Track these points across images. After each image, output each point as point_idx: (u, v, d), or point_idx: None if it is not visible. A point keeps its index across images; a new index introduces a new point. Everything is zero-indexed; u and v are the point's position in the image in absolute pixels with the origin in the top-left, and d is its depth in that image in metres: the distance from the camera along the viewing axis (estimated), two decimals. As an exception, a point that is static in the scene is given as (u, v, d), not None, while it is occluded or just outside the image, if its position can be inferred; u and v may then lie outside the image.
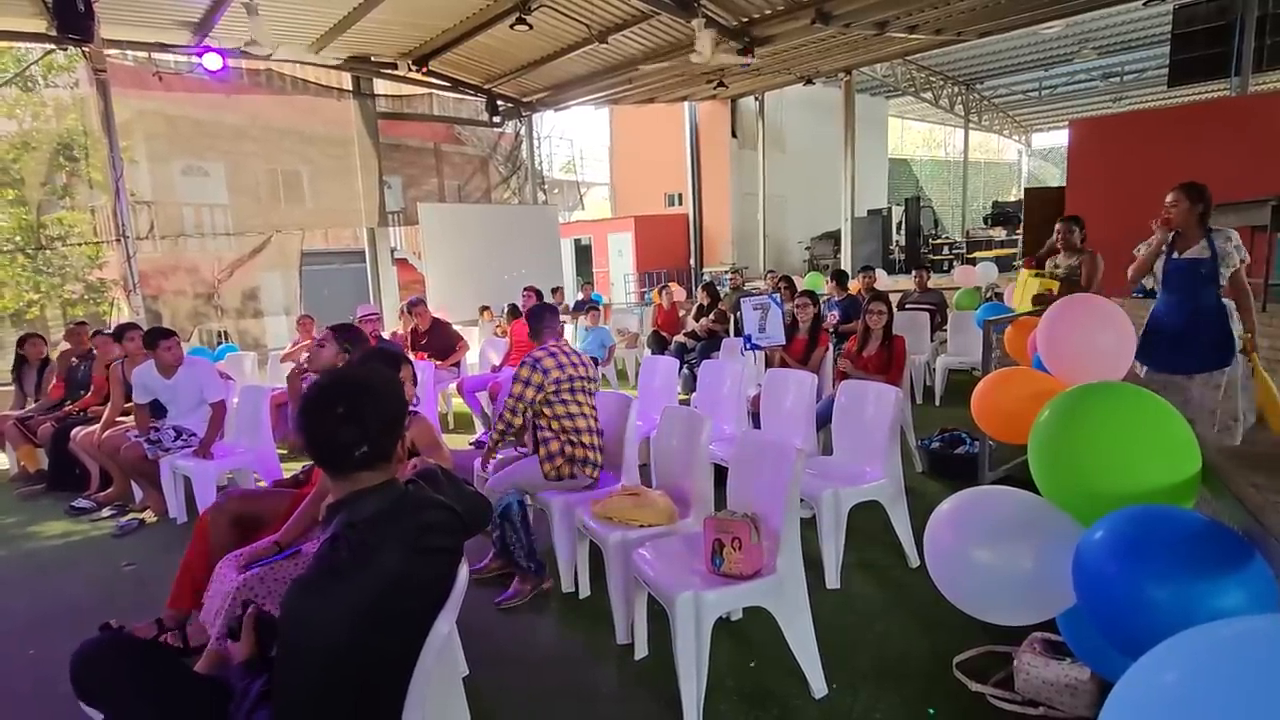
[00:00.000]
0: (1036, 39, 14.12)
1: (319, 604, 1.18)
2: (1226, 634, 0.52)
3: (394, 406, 1.27)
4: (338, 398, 1.23)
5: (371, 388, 1.26)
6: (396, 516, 1.26)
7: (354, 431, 1.20)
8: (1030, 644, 2.16)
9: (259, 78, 8.25)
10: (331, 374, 1.36)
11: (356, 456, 1.21)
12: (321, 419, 1.21)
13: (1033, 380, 1.94)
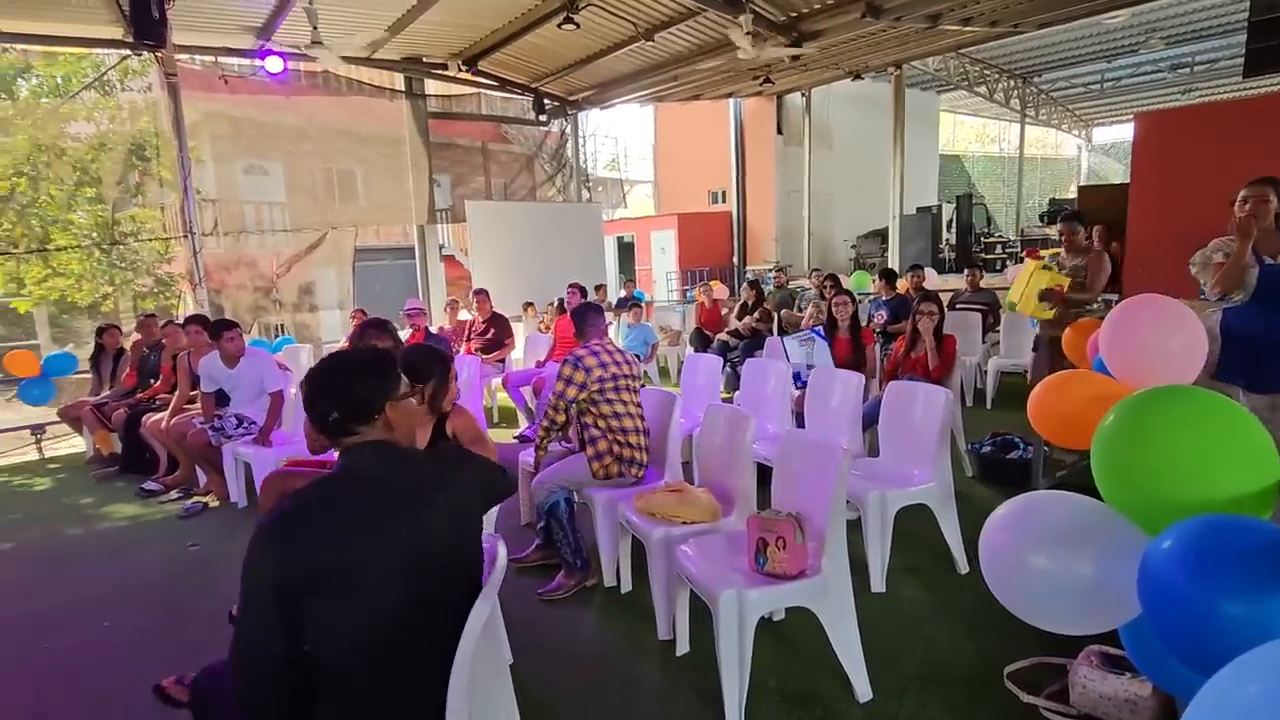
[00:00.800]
0: (1099, 29, 13.52)
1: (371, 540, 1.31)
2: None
3: (365, 382, 1.43)
4: (316, 374, 1.46)
5: (347, 368, 1.47)
6: (390, 461, 1.42)
7: (326, 402, 1.40)
8: (1087, 656, 2.09)
9: (316, 79, 8.53)
10: (327, 356, 1.58)
11: (330, 422, 1.39)
12: (307, 389, 1.44)
13: (1095, 383, 1.87)
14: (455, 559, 1.42)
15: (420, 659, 1.30)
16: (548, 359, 5.87)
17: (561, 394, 2.96)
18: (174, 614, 2.99)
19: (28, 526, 4.20)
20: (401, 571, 1.32)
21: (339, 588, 1.26)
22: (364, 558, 1.29)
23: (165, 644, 2.75)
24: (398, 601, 1.31)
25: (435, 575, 1.37)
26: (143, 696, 2.38)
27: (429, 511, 1.40)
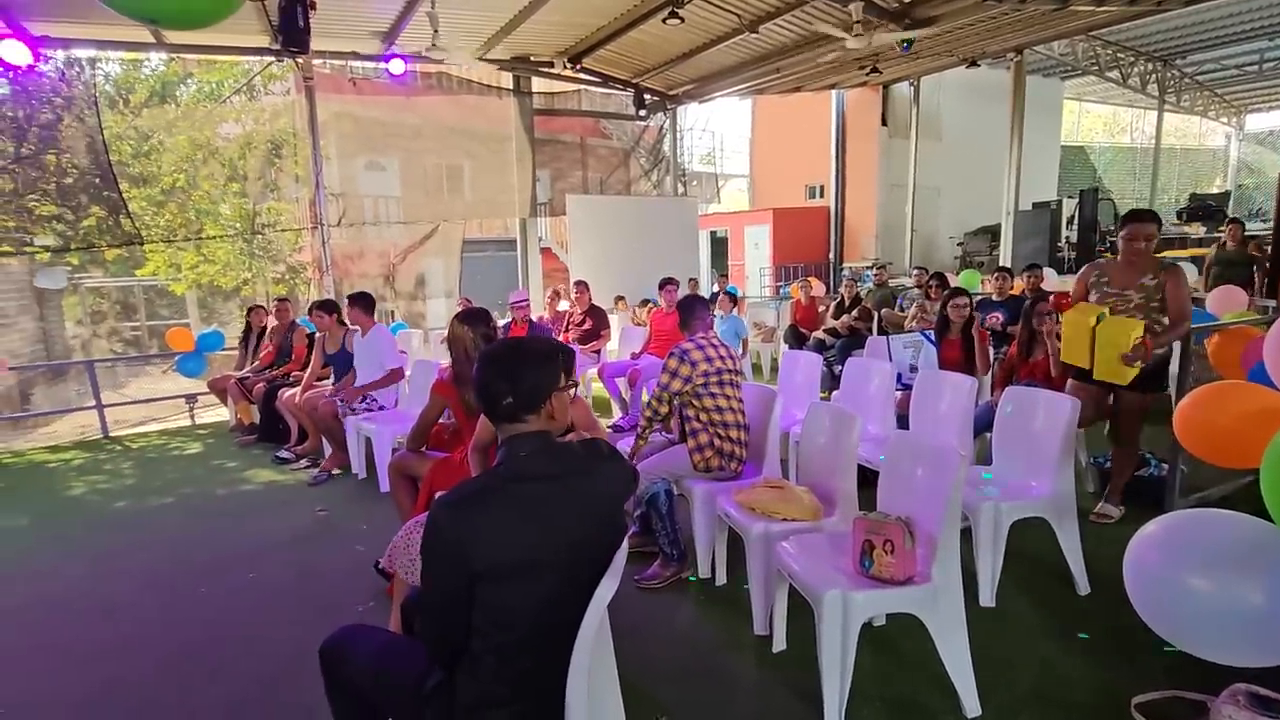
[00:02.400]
0: (1257, 3, 12.06)
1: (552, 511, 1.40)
2: None
3: (540, 372, 1.48)
4: (498, 358, 1.49)
5: (524, 355, 1.50)
6: (556, 455, 1.48)
7: (504, 386, 1.44)
8: (1232, 695, 1.91)
9: (432, 79, 9.01)
10: (503, 341, 1.63)
11: (504, 405, 1.44)
12: (484, 372, 1.48)
13: (1257, 396, 1.71)
14: (605, 547, 1.49)
15: (559, 635, 1.39)
16: (643, 351, 5.96)
17: (666, 386, 3.01)
18: (307, 572, 3.29)
19: (184, 484, 4.73)
20: (566, 562, 1.41)
21: (512, 576, 1.36)
22: (536, 550, 1.38)
23: (300, 596, 3.04)
24: (558, 587, 1.41)
25: (590, 564, 1.45)
26: (282, 639, 2.66)
27: (589, 504, 1.47)
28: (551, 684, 1.38)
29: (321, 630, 1.71)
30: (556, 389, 1.52)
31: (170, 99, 11.20)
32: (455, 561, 1.35)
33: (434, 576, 1.41)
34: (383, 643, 1.69)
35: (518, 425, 1.48)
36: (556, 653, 1.39)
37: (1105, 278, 3.23)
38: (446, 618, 1.40)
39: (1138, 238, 3.10)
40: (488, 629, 1.39)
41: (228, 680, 2.45)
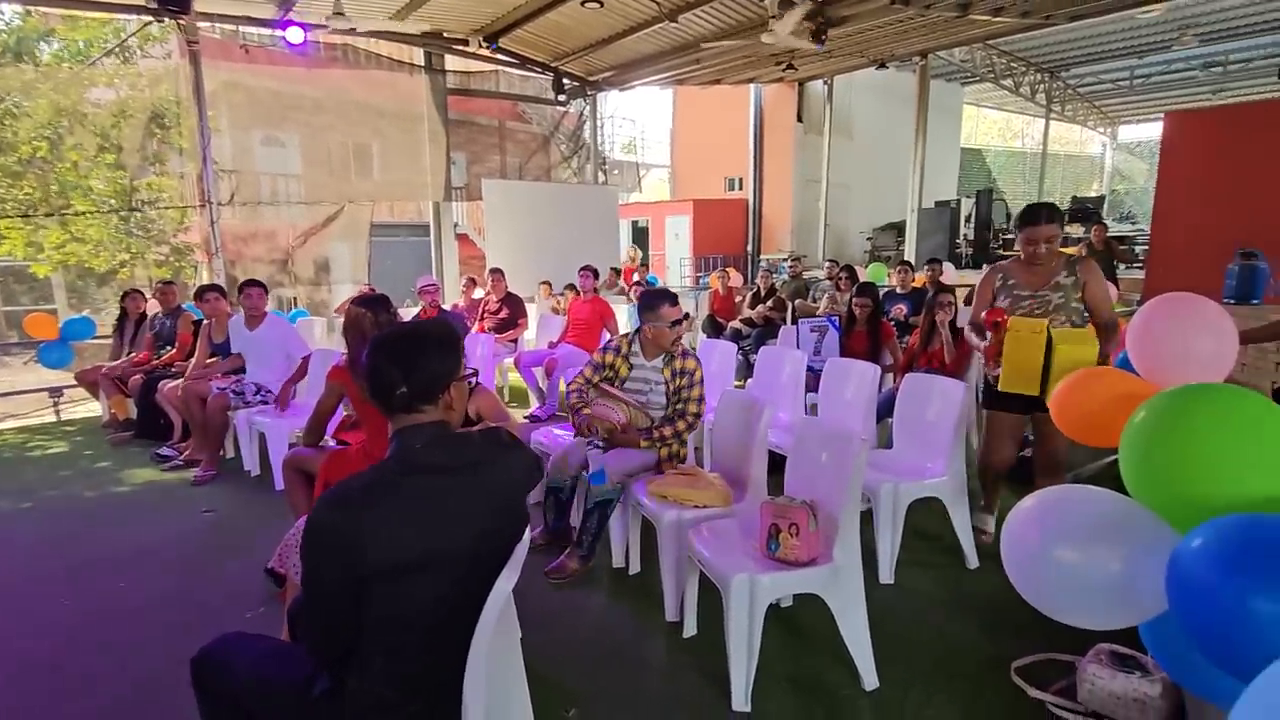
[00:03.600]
0: (1132, 24, 13.23)
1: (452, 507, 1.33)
2: None
3: (437, 360, 1.40)
4: (390, 344, 1.40)
5: (419, 342, 1.41)
6: (453, 446, 1.40)
7: (397, 374, 1.35)
8: (1096, 654, 2.09)
9: (336, 52, 8.49)
10: (396, 326, 1.54)
11: (398, 395, 1.36)
12: (375, 360, 1.38)
13: (1122, 381, 1.85)
14: (505, 539, 1.43)
15: (456, 632, 1.32)
16: (561, 340, 5.87)
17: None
18: (189, 576, 3.03)
19: (45, 487, 4.26)
20: (464, 556, 1.34)
21: (404, 574, 1.28)
22: (431, 546, 1.30)
23: (181, 604, 2.79)
24: (454, 583, 1.34)
25: (489, 557, 1.39)
26: (156, 650, 2.44)
27: (488, 495, 1.40)
28: (449, 683, 1.32)
29: (202, 639, 1.57)
30: (455, 378, 1.45)
31: (28, 58, 10.01)
32: (339, 563, 1.25)
33: (315, 579, 1.31)
34: (264, 650, 1.56)
35: (413, 416, 1.39)
36: (454, 650, 1.33)
37: (1012, 280, 2.86)
38: (330, 621, 1.31)
39: (1036, 241, 2.70)
40: (378, 630, 1.31)
41: (91, 694, 2.22)
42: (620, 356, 2.99)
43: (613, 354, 3.00)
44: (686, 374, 2.99)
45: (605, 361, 3.02)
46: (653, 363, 3.01)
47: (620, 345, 3.03)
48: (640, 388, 3.02)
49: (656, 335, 2.94)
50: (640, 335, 3.02)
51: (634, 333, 3.05)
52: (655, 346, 2.98)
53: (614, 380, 3.03)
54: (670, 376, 2.99)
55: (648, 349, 3.00)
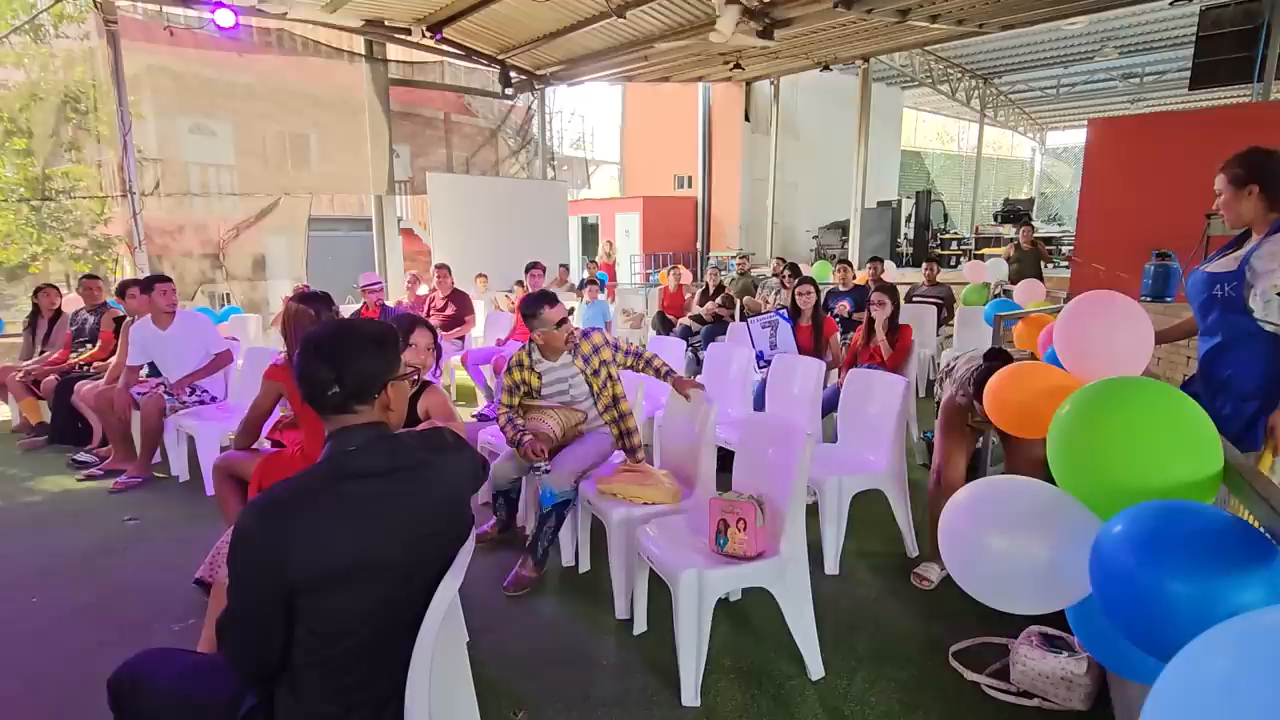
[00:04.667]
0: (1058, 35, 13.91)
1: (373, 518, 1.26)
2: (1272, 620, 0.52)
3: (372, 358, 1.36)
4: (322, 342, 1.34)
5: (354, 339, 1.36)
6: (390, 448, 1.35)
7: (330, 373, 1.30)
8: (1027, 636, 2.18)
9: (270, 37, 8.12)
10: (328, 323, 1.43)
11: (331, 396, 1.31)
12: (307, 358, 1.32)
13: (1049, 375, 1.94)
14: (447, 544, 1.39)
15: (396, 641, 1.28)
16: (509, 337, 5.79)
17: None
18: (109, 590, 2.85)
19: (-55, 498, 3.94)
20: (403, 562, 1.30)
21: (339, 584, 1.22)
22: (367, 553, 1.25)
23: (98, 620, 2.62)
24: (393, 591, 1.29)
25: (431, 563, 1.35)
26: (69, 669, 2.29)
27: (428, 499, 1.36)
28: (389, 695, 1.28)
29: (123, 655, 1.47)
30: (392, 377, 1.39)
31: (-76, 32, 9.22)
32: (266, 573, 1.19)
33: (241, 591, 1.24)
34: (187, 666, 1.48)
35: (348, 417, 1.34)
36: (394, 660, 1.29)
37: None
38: (257, 635, 1.24)
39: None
40: (312, 642, 1.25)
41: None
42: (525, 370, 2.95)
43: (518, 371, 2.95)
44: (598, 351, 2.96)
45: (516, 382, 2.96)
46: (559, 361, 2.97)
47: (520, 359, 2.95)
48: (560, 388, 2.99)
49: (548, 339, 2.90)
50: (538, 340, 2.96)
51: (528, 342, 3.01)
52: (554, 346, 2.95)
53: (531, 393, 2.99)
54: (584, 364, 2.97)
55: (547, 352, 2.97)
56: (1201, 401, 2.11)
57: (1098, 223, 7.73)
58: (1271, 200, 1.99)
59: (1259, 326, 1.97)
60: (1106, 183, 7.88)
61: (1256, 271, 1.95)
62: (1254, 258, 1.96)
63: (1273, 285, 1.92)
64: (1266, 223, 2.00)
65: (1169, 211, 6.70)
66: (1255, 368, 2.00)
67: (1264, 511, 1.00)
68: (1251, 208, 2.01)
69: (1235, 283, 2.00)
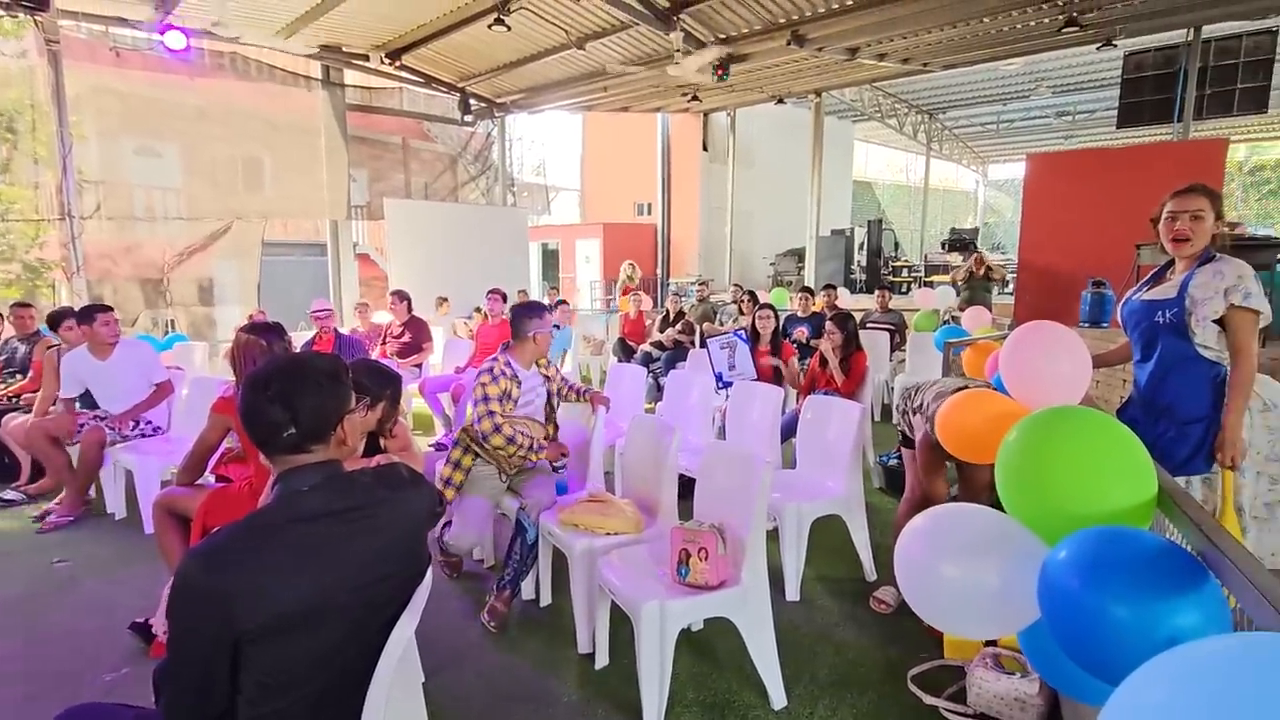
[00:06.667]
0: (997, 74, 14.71)
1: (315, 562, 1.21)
2: (1209, 651, 0.55)
3: (329, 396, 1.32)
4: (273, 381, 1.28)
5: (306, 376, 1.31)
6: (343, 487, 1.31)
7: (283, 414, 1.25)
8: (983, 659, 2.23)
9: (223, 60, 7.98)
10: (276, 359, 1.41)
11: (284, 438, 1.26)
12: (256, 399, 1.27)
13: (996, 402, 2.01)
14: (403, 584, 1.36)
15: (348, 688, 1.23)
16: (468, 365, 5.71)
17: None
18: (35, 639, 2.67)
19: None
20: (356, 605, 1.26)
21: (289, 631, 1.18)
22: (318, 598, 1.20)
23: (24, 673, 2.44)
24: (345, 635, 1.25)
25: (385, 604, 1.31)
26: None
27: (383, 538, 1.31)
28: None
29: (53, 709, 1.37)
30: (347, 412, 1.36)
31: None
32: (212, 623, 1.14)
33: (183, 642, 1.18)
34: None
35: (300, 457, 1.29)
36: (346, 707, 1.24)
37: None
38: (199, 688, 1.18)
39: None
40: (259, 693, 1.19)
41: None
42: (509, 379, 2.93)
43: (505, 380, 2.93)
44: (548, 366, 3.13)
45: (501, 391, 2.92)
46: (532, 371, 3.03)
47: (497, 370, 2.92)
48: (530, 399, 3.02)
49: (543, 340, 3.00)
50: (517, 349, 2.99)
51: (500, 353, 3.01)
52: (535, 354, 3.01)
53: (504, 403, 2.97)
54: (547, 378, 3.09)
55: (525, 360, 3.00)
56: (1141, 426, 2.25)
57: (1037, 252, 8.11)
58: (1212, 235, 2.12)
59: (1198, 352, 2.09)
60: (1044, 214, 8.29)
61: (1196, 300, 2.07)
62: (1193, 286, 2.09)
63: (1211, 312, 2.05)
64: (1199, 254, 2.13)
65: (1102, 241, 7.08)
66: (1196, 393, 2.11)
67: (1195, 535, 1.05)
68: (1208, 236, 2.12)
69: (1176, 309, 2.11)
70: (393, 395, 2.35)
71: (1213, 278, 2.04)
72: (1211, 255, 2.11)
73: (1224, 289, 2.02)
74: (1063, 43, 8.58)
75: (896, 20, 7.46)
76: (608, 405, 3.32)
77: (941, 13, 7.21)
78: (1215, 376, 2.08)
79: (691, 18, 7.72)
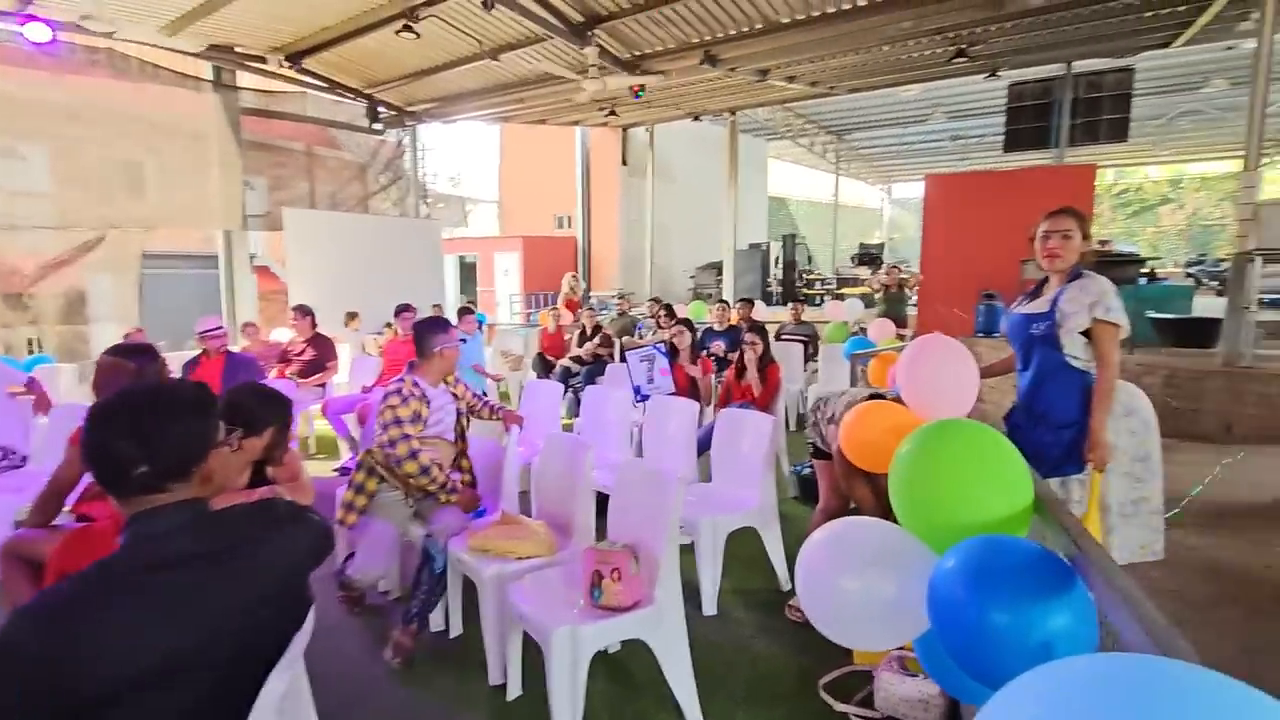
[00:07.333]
0: (898, 99, 15.64)
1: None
2: (1074, 671, 0.56)
3: (190, 428, 1.20)
4: (121, 411, 1.15)
5: (164, 407, 1.19)
6: (207, 529, 1.19)
7: (134, 449, 1.12)
8: (888, 663, 2.29)
9: (98, 56, 7.32)
10: (125, 388, 1.24)
11: (135, 476, 1.12)
12: (100, 433, 1.13)
13: (894, 413, 2.08)
14: (278, 633, 1.24)
15: None
16: (376, 384, 5.45)
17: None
18: None
19: None
20: (223, 660, 1.13)
21: (142, 693, 1.04)
22: (177, 653, 1.07)
23: None
24: (211, 694, 1.12)
25: (260, 655, 1.19)
26: None
27: (255, 583, 1.19)
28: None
29: None
30: (213, 444, 1.24)
31: None
32: (41, 693, 0.99)
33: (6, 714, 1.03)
34: None
35: (156, 497, 1.16)
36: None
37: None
38: None
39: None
40: None
41: None
42: (418, 400, 2.81)
43: (415, 402, 2.79)
44: (458, 384, 3.05)
45: (412, 412, 2.78)
46: (440, 389, 2.93)
47: (406, 390, 2.78)
48: (440, 418, 2.90)
49: (450, 356, 2.91)
50: (423, 367, 2.88)
51: (406, 372, 2.89)
52: (442, 371, 2.91)
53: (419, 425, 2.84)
54: (456, 396, 2.99)
55: (433, 378, 2.89)
56: (1022, 431, 2.40)
57: (937, 266, 8.64)
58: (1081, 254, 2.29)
59: (1068, 362, 2.25)
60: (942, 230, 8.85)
61: (1065, 313, 2.24)
62: (1063, 301, 2.25)
63: (1078, 325, 2.22)
64: (1069, 270, 2.30)
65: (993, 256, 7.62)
66: (1068, 400, 2.27)
67: (1064, 541, 1.10)
68: (1077, 254, 2.28)
69: (1048, 322, 2.28)
70: (282, 421, 2.18)
71: (1079, 293, 2.21)
72: (1080, 272, 2.28)
73: (1089, 303, 2.19)
74: (954, 72, 9.21)
75: (803, 45, 7.79)
76: (521, 424, 3.22)
77: (844, 39, 7.58)
78: (1084, 384, 2.25)
79: (606, 34, 7.77)
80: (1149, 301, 7.01)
